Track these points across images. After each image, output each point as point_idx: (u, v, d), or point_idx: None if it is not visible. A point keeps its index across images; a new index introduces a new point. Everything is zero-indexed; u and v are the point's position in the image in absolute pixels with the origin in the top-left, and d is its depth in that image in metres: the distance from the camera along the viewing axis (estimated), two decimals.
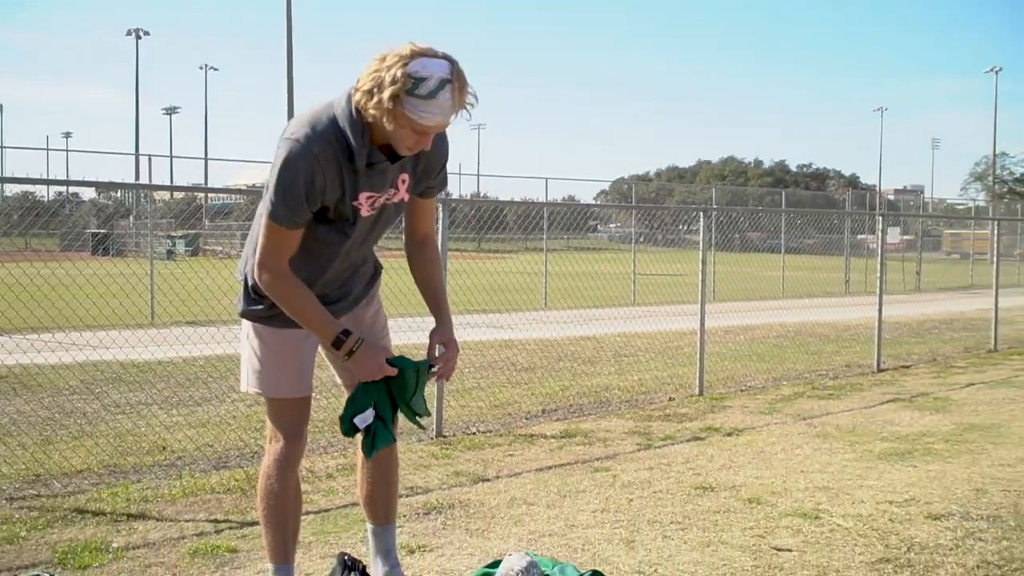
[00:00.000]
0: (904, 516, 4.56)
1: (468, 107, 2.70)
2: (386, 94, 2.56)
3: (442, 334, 3.12)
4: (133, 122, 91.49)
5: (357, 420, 2.96)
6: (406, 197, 2.99)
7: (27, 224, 23.99)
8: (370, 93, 2.61)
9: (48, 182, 10.63)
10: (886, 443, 6.19)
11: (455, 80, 2.60)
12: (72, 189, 36.32)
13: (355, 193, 2.82)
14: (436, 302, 3.18)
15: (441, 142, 2.98)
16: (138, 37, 61.60)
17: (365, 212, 2.87)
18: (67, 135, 78.80)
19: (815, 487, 5.08)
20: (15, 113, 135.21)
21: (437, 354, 3.12)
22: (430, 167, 3.00)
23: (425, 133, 2.68)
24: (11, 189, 30.33)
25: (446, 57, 2.62)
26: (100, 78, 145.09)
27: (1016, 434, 6.46)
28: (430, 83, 2.56)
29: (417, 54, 2.58)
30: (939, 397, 8.01)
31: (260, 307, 3.00)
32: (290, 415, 3.06)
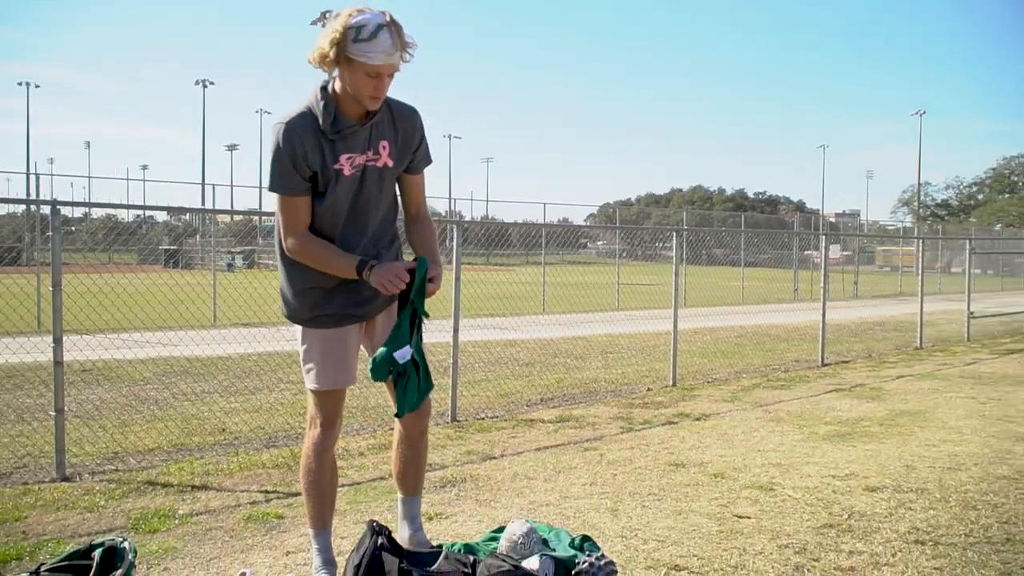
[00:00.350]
0: (845, 488, 4.51)
1: (409, 50, 2.73)
2: (335, 48, 2.64)
3: (434, 270, 2.97)
4: (200, 157, 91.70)
5: (397, 355, 2.86)
6: (390, 163, 2.92)
7: (110, 241, 24.02)
8: (324, 55, 2.67)
9: (128, 207, 10.65)
10: (829, 426, 6.14)
11: (391, 24, 2.66)
12: (148, 212, 36.43)
13: (335, 156, 2.80)
14: (434, 258, 3.03)
15: (412, 113, 2.98)
16: (205, 86, 61.75)
17: (347, 171, 2.83)
18: (144, 167, 78.92)
19: (770, 464, 5.03)
20: (102, 149, 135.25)
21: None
22: (408, 135, 2.96)
23: (379, 75, 2.69)
24: (97, 212, 30.33)
25: (382, 11, 2.68)
26: (173, 120, 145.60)
27: (939, 419, 6.40)
28: (369, 27, 2.62)
29: (354, 12, 2.65)
30: (874, 387, 7.95)
31: (299, 311, 2.97)
32: (328, 406, 3.03)
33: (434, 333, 2.98)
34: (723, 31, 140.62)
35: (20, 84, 71.16)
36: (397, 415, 3.00)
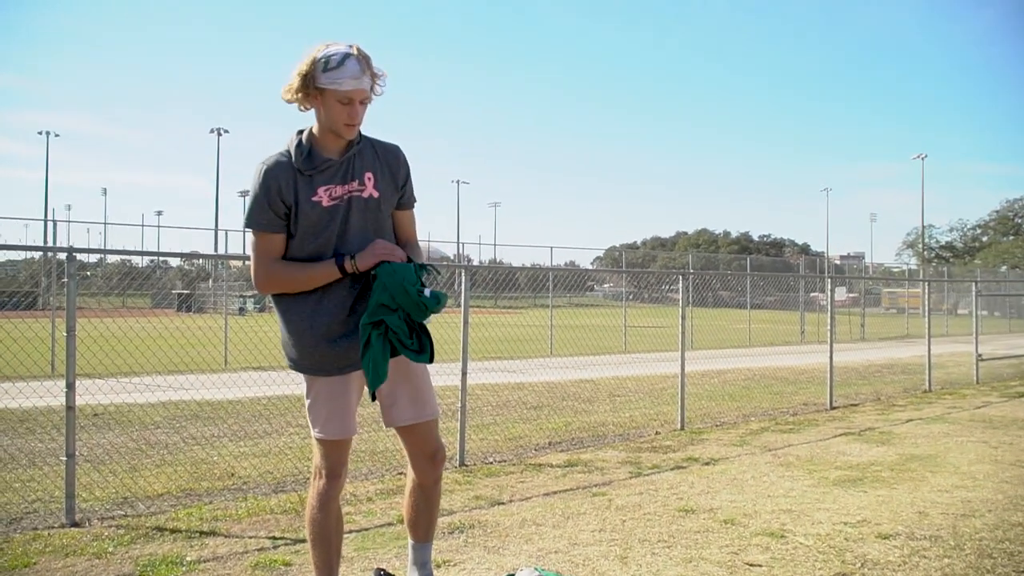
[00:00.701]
0: (857, 535, 4.43)
1: (379, 81, 2.85)
2: (302, 79, 2.76)
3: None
4: (214, 202, 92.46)
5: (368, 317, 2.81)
6: (375, 193, 2.95)
7: (124, 286, 24.13)
8: (292, 89, 2.79)
9: (142, 253, 10.66)
10: (840, 471, 6.05)
11: (357, 53, 2.78)
12: (162, 258, 36.59)
13: (312, 189, 2.86)
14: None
15: (395, 149, 3.06)
16: (219, 134, 62.43)
17: (326, 202, 2.87)
18: (159, 213, 79.43)
19: (780, 510, 4.95)
20: (118, 196, 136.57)
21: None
22: (393, 169, 3.01)
23: (350, 101, 2.78)
24: (112, 258, 30.51)
25: (349, 45, 2.80)
26: (188, 167, 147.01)
27: (951, 463, 6.31)
28: (335, 58, 2.75)
29: (321, 47, 2.79)
30: (884, 431, 7.86)
31: (301, 358, 2.95)
32: (334, 456, 2.99)
33: (442, 376, 2.95)
34: (726, 76, 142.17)
35: (40, 133, 72.00)
36: (371, 397, 2.94)
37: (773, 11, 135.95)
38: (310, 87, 2.77)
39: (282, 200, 2.82)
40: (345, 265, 2.84)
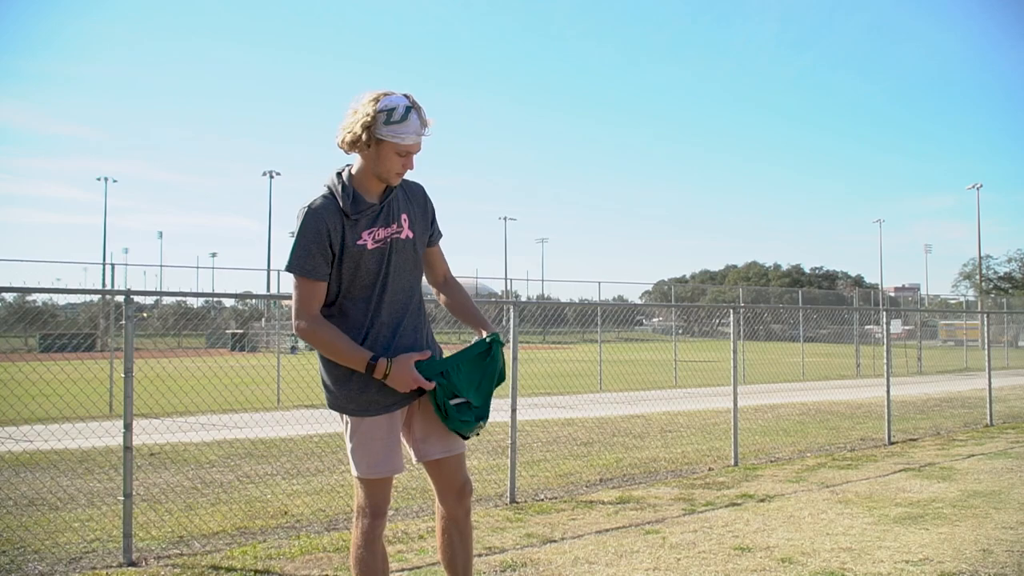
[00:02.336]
0: (919, 574, 4.29)
1: (427, 129, 2.88)
2: (368, 132, 2.79)
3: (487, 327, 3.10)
4: (266, 243, 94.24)
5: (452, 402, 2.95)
6: (411, 234, 3.01)
7: (180, 327, 24.64)
8: (356, 139, 2.82)
9: (196, 295, 10.93)
10: (900, 508, 5.88)
11: (415, 106, 2.83)
12: (216, 298, 37.35)
13: (357, 233, 2.89)
14: (476, 317, 3.16)
15: (419, 188, 3.14)
16: (271, 176, 63.69)
17: (370, 245, 2.91)
18: (213, 255, 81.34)
19: (840, 548, 4.82)
20: (174, 238, 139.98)
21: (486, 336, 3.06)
22: (422, 208, 3.10)
23: (408, 153, 2.85)
24: (167, 300, 31.22)
25: (403, 94, 2.84)
26: (241, 209, 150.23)
27: (1016, 500, 6.09)
28: (399, 111, 2.79)
29: (380, 96, 2.81)
30: (944, 467, 7.62)
31: (348, 401, 2.96)
32: (377, 495, 2.97)
33: (492, 412, 2.95)
34: (775, 107, 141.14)
35: (98, 179, 74.42)
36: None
37: (821, 43, 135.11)
38: (371, 137, 2.81)
39: (330, 244, 2.85)
40: (376, 369, 2.84)
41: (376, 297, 2.94)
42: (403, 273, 3.00)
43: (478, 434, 3.07)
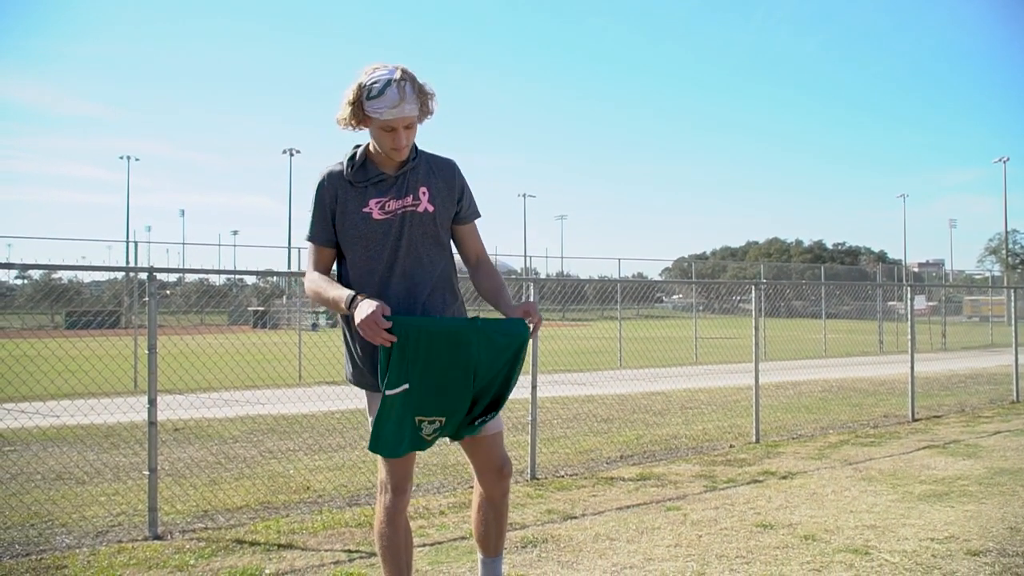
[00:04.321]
0: (945, 552, 4.25)
1: (429, 101, 2.82)
2: (351, 107, 2.78)
3: (523, 306, 2.97)
4: (287, 221, 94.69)
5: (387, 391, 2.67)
6: (431, 208, 2.94)
7: (202, 304, 24.81)
8: (342, 117, 2.82)
9: (219, 272, 10.97)
10: (925, 485, 5.83)
11: (400, 79, 2.73)
12: (238, 276, 37.62)
13: (364, 201, 2.89)
14: (507, 306, 3.02)
15: (449, 163, 3.05)
16: (291, 154, 63.85)
17: (376, 215, 2.88)
18: (235, 232, 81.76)
19: (864, 525, 4.79)
20: (195, 216, 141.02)
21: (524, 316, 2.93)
22: (448, 183, 3.00)
23: (393, 129, 2.78)
24: (190, 277, 31.44)
25: (397, 66, 2.77)
26: (261, 187, 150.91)
27: None
28: (377, 86, 2.73)
29: (369, 70, 2.78)
30: (970, 444, 7.55)
31: (362, 375, 2.96)
32: (399, 471, 2.96)
33: (514, 389, 2.93)
34: (797, 82, 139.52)
35: (121, 158, 74.81)
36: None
37: (846, 15, 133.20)
38: (360, 114, 2.79)
39: (332, 212, 2.90)
40: (351, 305, 2.72)
41: (385, 269, 2.90)
42: (421, 247, 2.94)
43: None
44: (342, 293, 2.79)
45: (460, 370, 2.76)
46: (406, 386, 2.69)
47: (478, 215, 3.14)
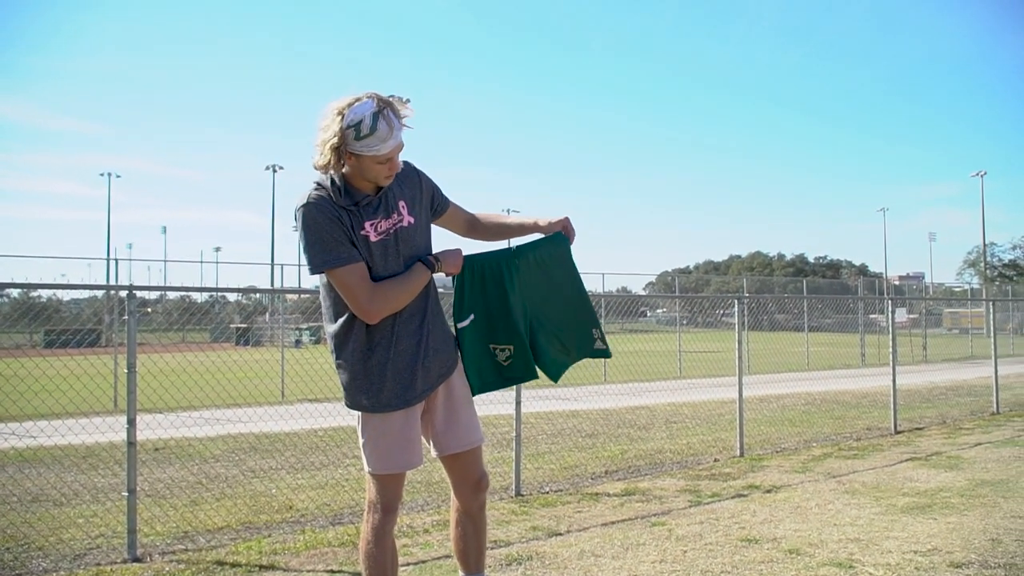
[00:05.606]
0: (929, 565, 4.26)
1: (406, 119, 2.76)
2: (335, 154, 2.67)
3: (561, 221, 3.24)
4: (270, 237, 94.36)
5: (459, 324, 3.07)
6: (411, 220, 2.94)
7: (184, 321, 24.64)
8: (327, 162, 2.70)
9: (200, 289, 10.90)
10: (908, 498, 5.85)
11: (383, 108, 2.67)
12: (220, 293, 37.41)
13: (360, 223, 2.81)
14: (521, 222, 3.26)
15: (408, 168, 3.02)
16: (274, 171, 63.61)
17: (373, 237, 2.83)
18: (217, 249, 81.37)
19: (847, 539, 4.79)
20: (177, 234, 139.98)
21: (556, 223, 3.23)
22: (415, 188, 3.01)
23: (389, 160, 2.74)
24: (172, 294, 31.24)
25: (368, 96, 2.68)
26: (244, 203, 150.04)
27: None
28: (366, 122, 2.63)
29: (344, 109, 2.66)
30: (952, 456, 7.59)
31: (355, 394, 2.92)
32: (389, 490, 2.95)
33: (496, 405, 2.89)
34: (779, 95, 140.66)
35: (102, 174, 74.34)
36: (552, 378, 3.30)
37: (826, 30, 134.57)
38: (343, 155, 2.69)
39: (341, 227, 2.76)
40: (435, 266, 2.95)
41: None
42: (409, 261, 2.94)
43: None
44: (418, 269, 2.90)
45: (515, 296, 3.10)
46: (472, 316, 3.08)
47: (448, 203, 3.21)
